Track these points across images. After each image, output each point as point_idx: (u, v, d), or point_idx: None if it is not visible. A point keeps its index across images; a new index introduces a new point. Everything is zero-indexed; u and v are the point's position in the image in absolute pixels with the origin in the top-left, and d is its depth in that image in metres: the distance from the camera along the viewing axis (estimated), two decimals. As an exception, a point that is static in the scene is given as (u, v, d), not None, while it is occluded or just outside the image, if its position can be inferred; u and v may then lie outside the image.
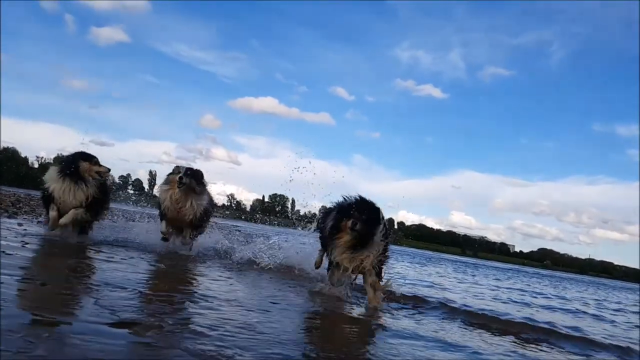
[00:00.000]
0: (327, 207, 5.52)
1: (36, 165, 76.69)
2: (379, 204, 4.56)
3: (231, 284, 4.80)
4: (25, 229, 6.38)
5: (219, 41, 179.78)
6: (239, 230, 15.65)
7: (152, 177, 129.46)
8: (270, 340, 2.69)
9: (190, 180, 6.02)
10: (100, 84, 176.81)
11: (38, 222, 7.67)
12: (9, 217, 8.13)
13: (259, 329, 2.90)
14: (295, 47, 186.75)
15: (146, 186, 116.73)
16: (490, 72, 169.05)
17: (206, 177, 6.42)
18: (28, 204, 12.07)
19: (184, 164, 6.78)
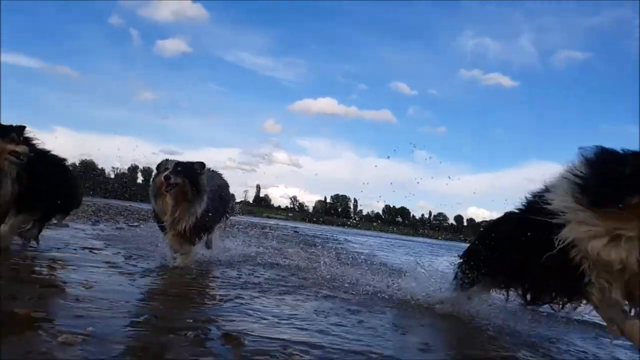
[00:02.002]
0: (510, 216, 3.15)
1: (112, 176, 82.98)
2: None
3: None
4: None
5: (278, 47, 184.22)
6: (297, 231, 15.84)
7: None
8: None
9: (182, 180, 4.35)
10: (168, 95, 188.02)
11: (117, 227, 8.33)
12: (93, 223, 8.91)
13: None
14: (353, 46, 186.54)
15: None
16: (564, 56, 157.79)
17: (210, 169, 5.07)
18: (107, 212, 13.16)
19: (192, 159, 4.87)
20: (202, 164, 4.62)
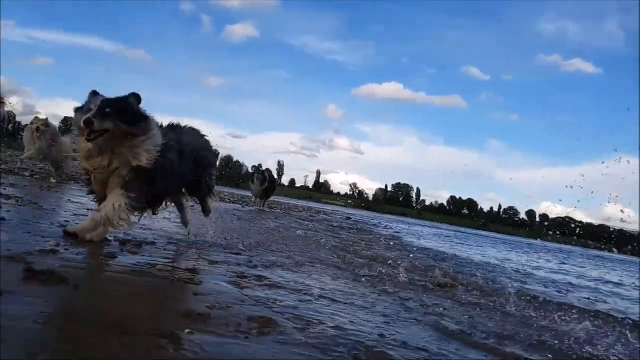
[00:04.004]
0: None
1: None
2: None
3: None
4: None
5: (345, 31, 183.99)
6: (349, 218, 16.69)
7: (281, 167, 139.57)
8: None
9: (114, 125, 3.14)
10: (234, 80, 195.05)
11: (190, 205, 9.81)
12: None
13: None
14: (422, 29, 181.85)
15: (275, 175, 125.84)
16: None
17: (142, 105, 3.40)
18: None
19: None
20: (137, 97, 3.36)
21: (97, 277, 2.37)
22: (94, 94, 3.42)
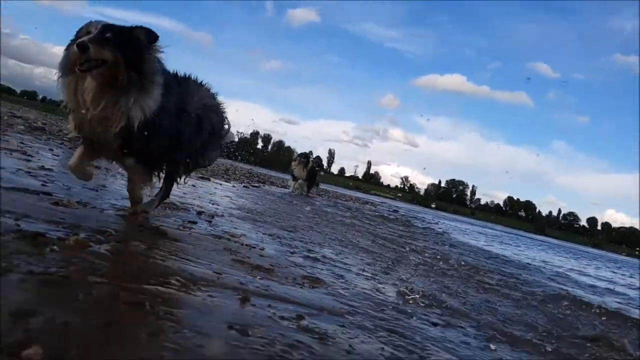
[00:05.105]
0: None
1: (236, 139, 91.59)
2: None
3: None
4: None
5: (407, 18, 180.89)
6: (396, 211, 17.06)
7: (331, 155, 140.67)
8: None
9: (113, 56, 2.64)
10: (291, 65, 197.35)
11: (244, 186, 10.69)
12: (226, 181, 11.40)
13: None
14: (489, 20, 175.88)
15: (325, 163, 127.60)
16: None
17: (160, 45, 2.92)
18: (234, 173, 15.95)
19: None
20: (149, 33, 2.83)
21: (188, 235, 3.10)
22: (92, 22, 2.77)
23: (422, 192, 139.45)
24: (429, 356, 1.92)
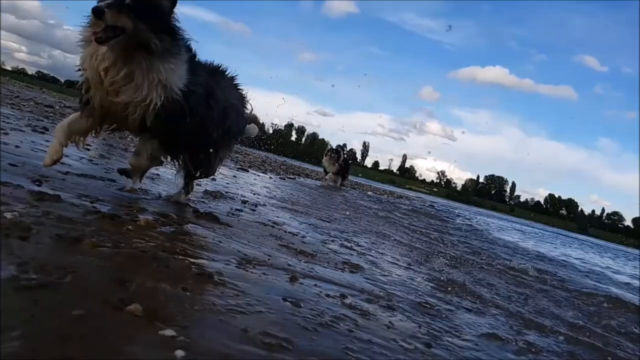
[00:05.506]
0: None
1: (271, 131, 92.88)
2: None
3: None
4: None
5: (447, 8, 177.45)
6: (432, 206, 16.89)
7: (365, 148, 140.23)
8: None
9: (133, 24, 2.43)
10: (327, 57, 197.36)
11: (280, 177, 11.02)
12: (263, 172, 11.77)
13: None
14: (534, 10, 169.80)
15: (359, 156, 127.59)
16: None
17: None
18: (270, 164, 16.36)
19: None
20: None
21: (236, 221, 3.38)
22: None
23: (459, 187, 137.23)
24: (462, 335, 2.11)
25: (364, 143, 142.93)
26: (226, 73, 3.32)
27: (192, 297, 1.56)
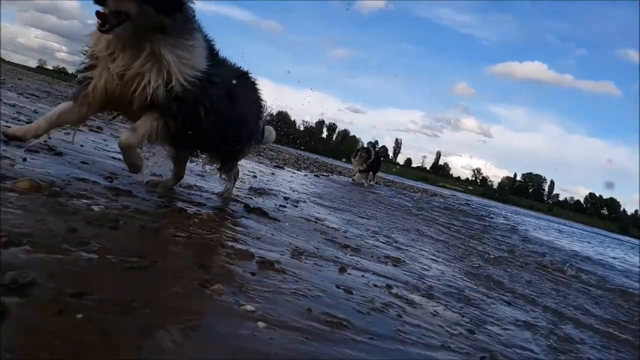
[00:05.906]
0: None
1: (302, 128, 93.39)
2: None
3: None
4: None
5: (483, 2, 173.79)
6: (467, 204, 16.71)
7: (397, 145, 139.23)
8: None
9: (138, 9, 2.27)
10: (359, 53, 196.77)
11: (315, 175, 11.26)
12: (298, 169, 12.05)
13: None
14: (574, 3, 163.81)
15: (391, 153, 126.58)
16: None
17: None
18: (303, 162, 16.64)
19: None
20: None
21: (283, 216, 3.61)
22: None
23: (495, 185, 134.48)
24: (502, 325, 2.26)
25: (396, 140, 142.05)
26: (246, 72, 3.19)
27: (260, 281, 1.79)
